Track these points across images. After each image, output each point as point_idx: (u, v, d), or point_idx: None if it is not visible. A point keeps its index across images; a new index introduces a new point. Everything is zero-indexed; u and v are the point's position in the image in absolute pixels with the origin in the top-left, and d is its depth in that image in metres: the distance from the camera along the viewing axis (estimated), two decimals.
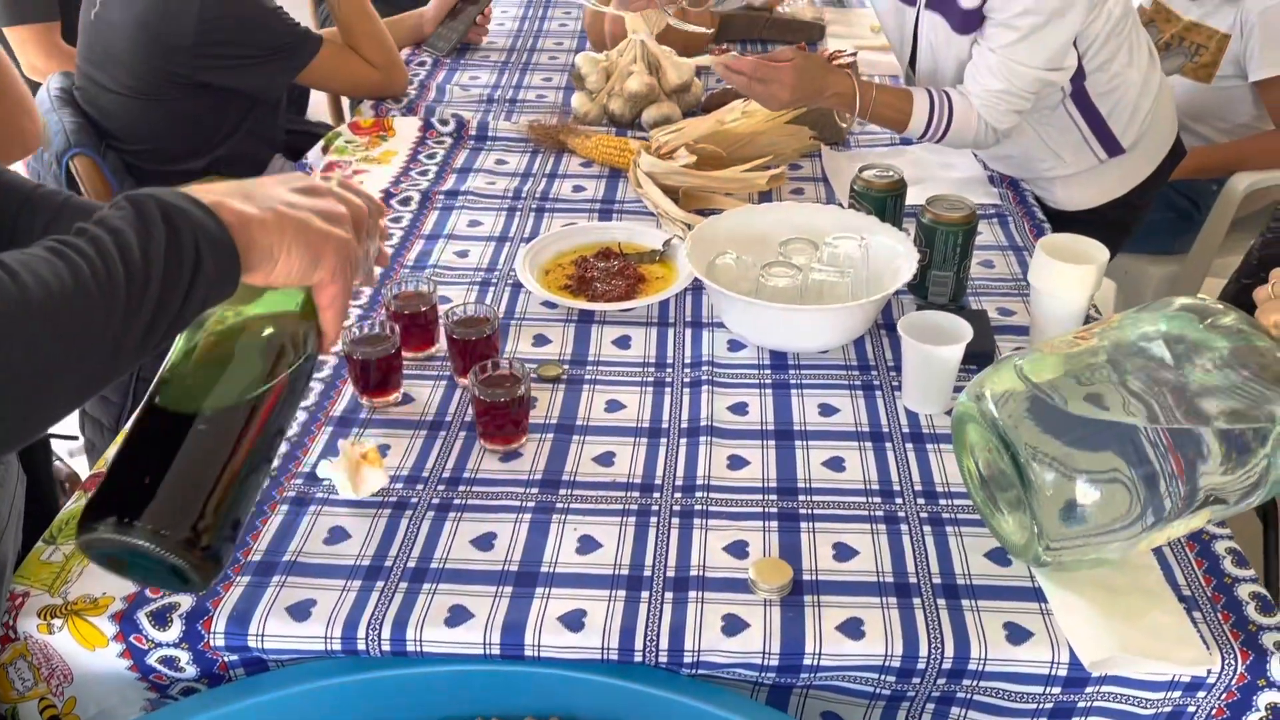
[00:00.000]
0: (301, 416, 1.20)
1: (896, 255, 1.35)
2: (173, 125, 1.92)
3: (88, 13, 1.88)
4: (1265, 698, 0.91)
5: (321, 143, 1.88)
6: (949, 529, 1.05)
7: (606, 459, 1.14)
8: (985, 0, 1.48)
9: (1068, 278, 1.24)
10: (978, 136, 1.56)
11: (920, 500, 1.09)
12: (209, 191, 0.75)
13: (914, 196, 1.57)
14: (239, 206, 0.75)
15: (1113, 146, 1.66)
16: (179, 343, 0.78)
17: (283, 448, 1.15)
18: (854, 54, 2.04)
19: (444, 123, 1.89)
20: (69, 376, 0.66)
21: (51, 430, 0.72)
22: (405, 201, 1.67)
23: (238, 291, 0.75)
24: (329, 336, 0.83)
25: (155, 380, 0.77)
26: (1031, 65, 1.47)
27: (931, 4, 1.56)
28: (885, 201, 1.45)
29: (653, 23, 1.91)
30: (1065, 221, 1.71)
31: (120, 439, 0.74)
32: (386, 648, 0.93)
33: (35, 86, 2.40)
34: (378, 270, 0.95)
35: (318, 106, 3.15)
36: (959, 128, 1.54)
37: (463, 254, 1.54)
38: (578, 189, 1.72)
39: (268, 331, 0.79)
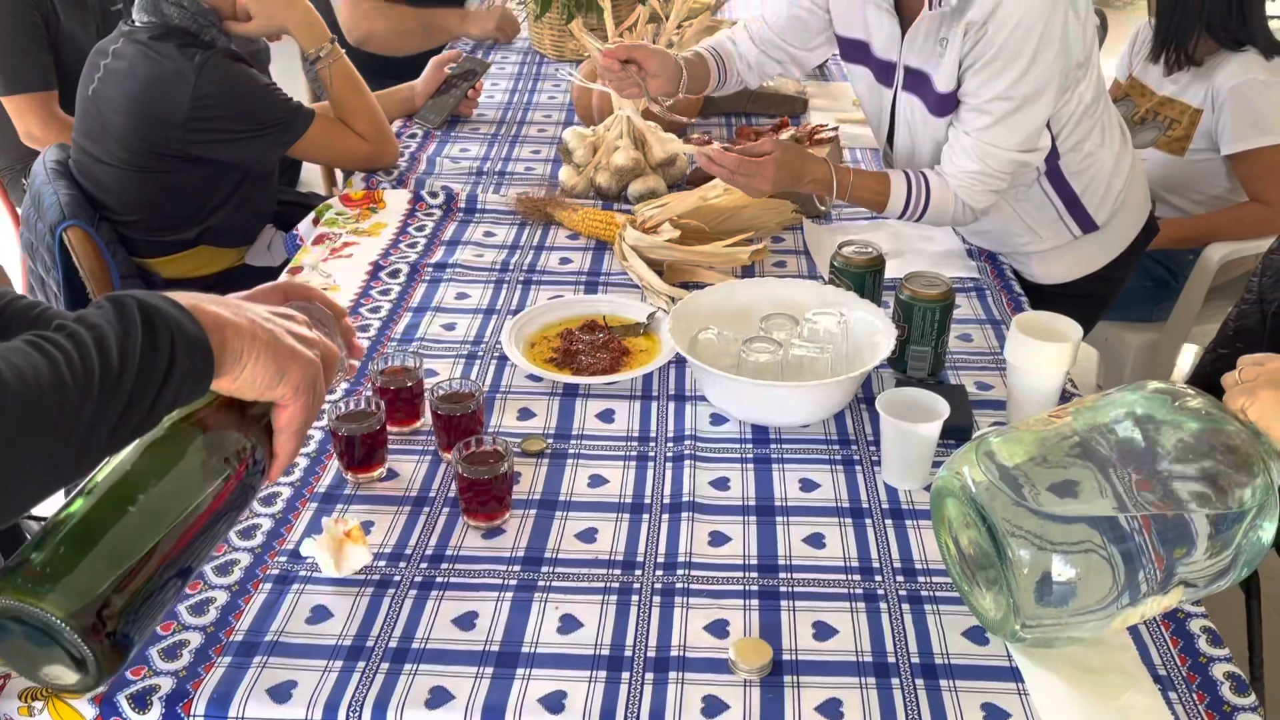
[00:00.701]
0: (286, 493, 1.21)
1: (875, 331, 1.38)
2: (165, 197, 1.95)
3: (85, 88, 1.92)
4: None
5: (312, 214, 1.91)
6: (928, 607, 1.06)
7: (589, 535, 1.15)
8: (960, 85, 1.52)
9: (1043, 355, 1.26)
10: (955, 216, 1.59)
11: (899, 578, 1.10)
12: (190, 296, 0.78)
13: (893, 270, 1.60)
14: (215, 310, 0.77)
15: (1087, 223, 1.70)
16: None
17: (267, 524, 1.16)
18: (835, 128, 2.09)
19: (434, 195, 1.92)
20: (38, 466, 0.67)
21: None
22: (394, 274, 1.69)
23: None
24: (279, 460, 0.83)
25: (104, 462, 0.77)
26: (1006, 148, 1.52)
27: (908, 86, 1.60)
28: (864, 277, 1.48)
29: (638, 99, 1.96)
30: (1043, 295, 1.75)
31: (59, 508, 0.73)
32: None
33: (34, 155, 2.44)
34: (355, 362, 0.96)
35: (311, 175, 3.20)
36: (936, 208, 1.58)
37: (450, 327, 1.56)
38: (564, 261, 1.75)
39: (221, 439, 0.79)
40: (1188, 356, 2.57)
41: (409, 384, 1.31)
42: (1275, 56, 2.22)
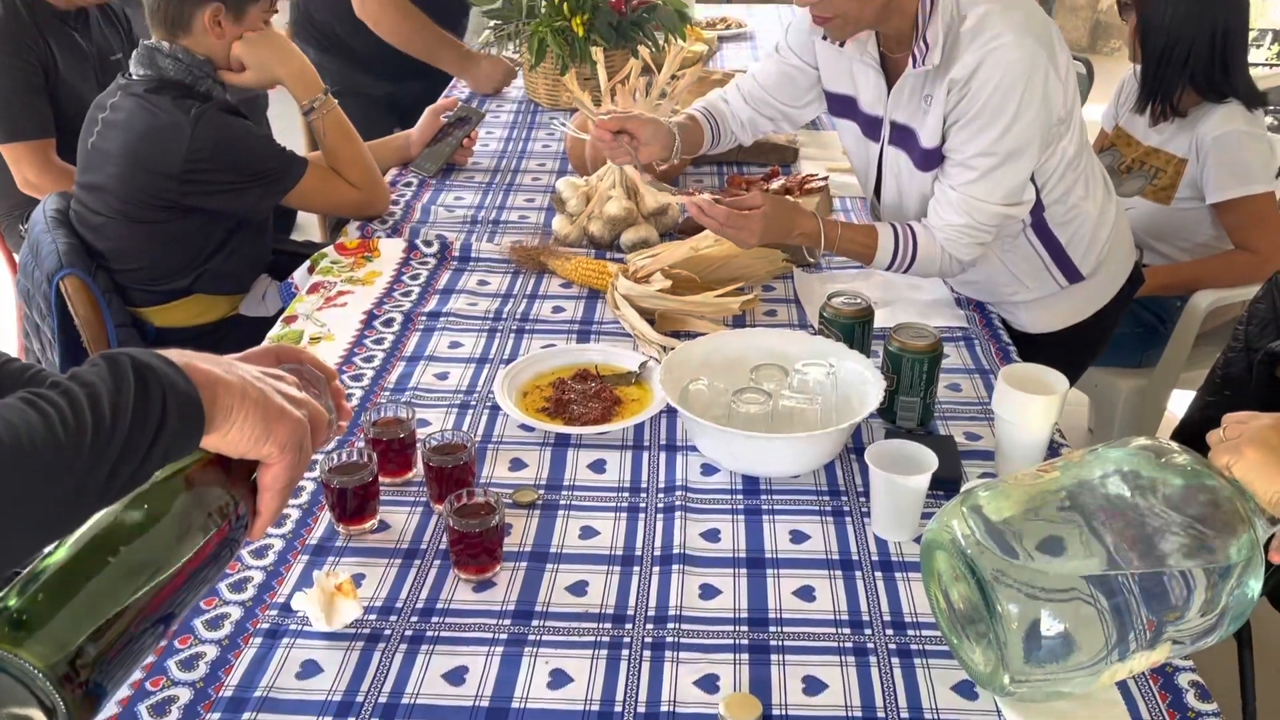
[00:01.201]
0: (278, 545, 1.21)
1: (865, 381, 1.39)
2: (161, 246, 1.97)
3: (85, 141, 1.94)
4: None
5: (308, 263, 1.92)
6: (917, 660, 1.06)
7: (579, 588, 1.15)
8: (945, 141, 1.55)
9: (1030, 408, 1.27)
10: (942, 268, 1.61)
11: (889, 631, 1.10)
12: (183, 355, 0.79)
13: (882, 319, 1.62)
14: (208, 368, 0.78)
15: (1073, 274, 1.72)
16: None
17: (259, 577, 1.16)
18: (825, 178, 2.12)
19: (428, 244, 1.94)
20: (31, 521, 0.68)
21: None
22: (388, 323, 1.70)
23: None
24: (262, 518, 0.83)
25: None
26: (990, 202, 1.54)
27: (894, 141, 1.63)
28: (853, 328, 1.49)
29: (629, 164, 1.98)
30: (1031, 343, 1.76)
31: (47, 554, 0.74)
32: None
33: (34, 202, 2.46)
34: (344, 423, 0.97)
35: (307, 221, 3.22)
36: (923, 260, 1.60)
37: (443, 376, 1.57)
38: (557, 310, 1.77)
39: (206, 495, 0.79)
40: (1177, 401, 2.58)
41: (401, 435, 1.32)
42: (1257, 108, 2.26)
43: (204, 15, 1.88)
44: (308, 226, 3.23)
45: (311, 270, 1.89)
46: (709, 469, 1.36)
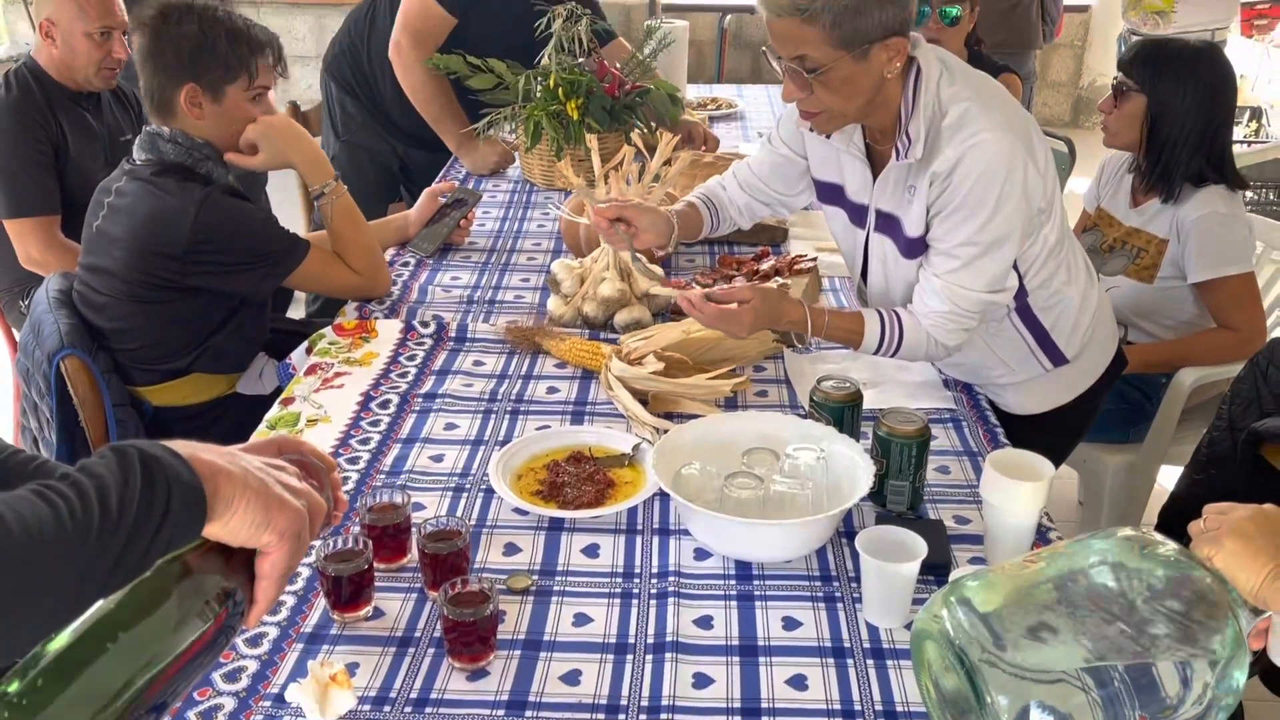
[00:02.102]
0: (272, 633, 1.22)
1: (855, 466, 1.41)
2: (162, 326, 1.99)
3: (90, 225, 1.98)
4: None
5: (306, 343, 1.95)
6: None
7: (573, 677, 1.16)
8: (928, 230, 1.59)
9: (1017, 494, 1.29)
10: (929, 352, 1.65)
11: None
12: (188, 446, 0.82)
13: (871, 401, 1.65)
14: (210, 458, 0.81)
15: (1057, 357, 1.75)
16: None
17: (253, 666, 1.17)
18: (814, 259, 2.16)
19: (425, 324, 1.97)
20: (38, 610, 0.70)
21: None
22: (384, 405, 1.72)
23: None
24: (259, 606, 0.85)
25: None
26: (974, 289, 1.58)
27: (880, 228, 1.68)
28: (843, 411, 1.52)
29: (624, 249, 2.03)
30: (1018, 424, 1.79)
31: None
32: None
33: (35, 279, 2.50)
34: (339, 513, 0.99)
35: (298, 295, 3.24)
36: (910, 345, 1.63)
37: (438, 458, 1.59)
38: (552, 390, 1.79)
39: (204, 584, 0.81)
40: (1165, 476, 2.61)
41: (397, 521, 1.34)
42: (1239, 190, 2.32)
43: (181, 96, 1.91)
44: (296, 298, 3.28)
45: (309, 351, 1.92)
46: (702, 553, 1.37)
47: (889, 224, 1.65)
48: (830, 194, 1.77)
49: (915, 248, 1.62)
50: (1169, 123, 2.26)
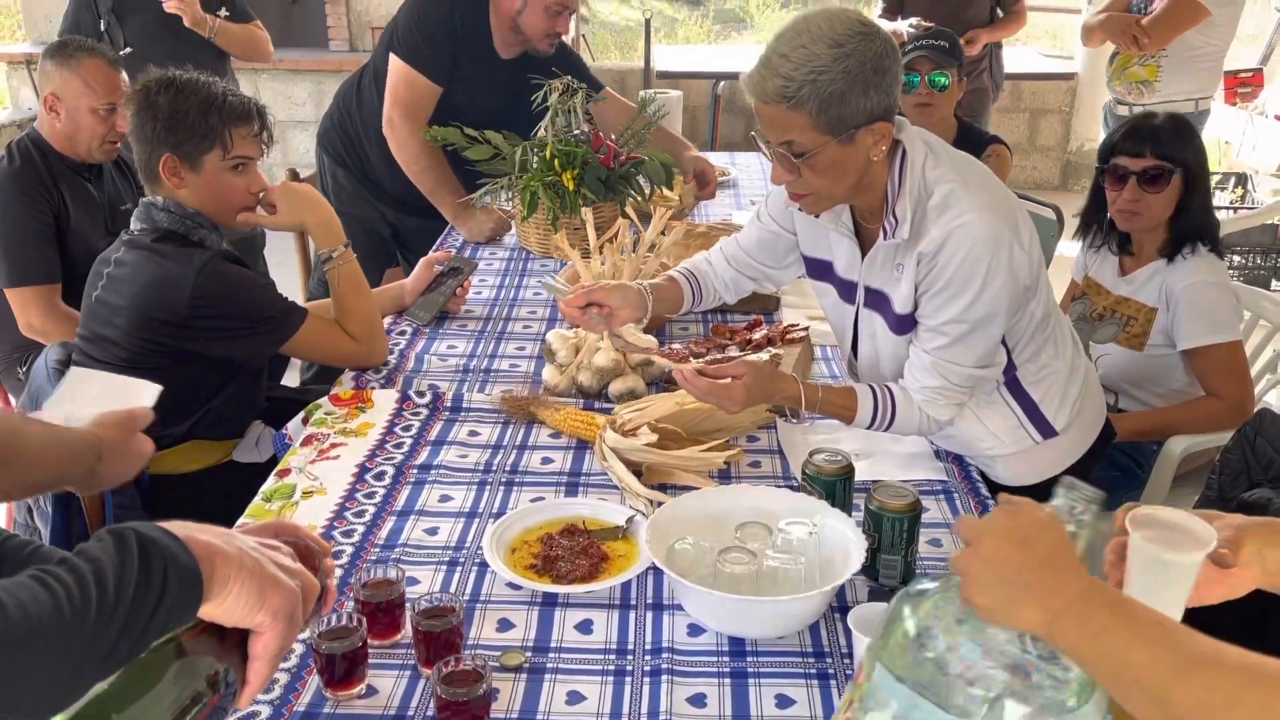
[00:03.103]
0: (265, 712, 1.22)
1: (847, 540, 1.42)
2: (161, 393, 2.00)
3: (89, 295, 2.00)
4: None
5: (302, 413, 1.96)
6: None
7: None
8: (916, 307, 1.62)
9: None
10: (921, 427, 1.67)
11: None
12: (185, 527, 0.83)
13: (863, 472, 1.66)
14: (206, 539, 0.83)
15: (1046, 430, 1.77)
16: None
17: None
18: (806, 328, 2.19)
19: (420, 394, 1.99)
20: (37, 695, 0.71)
21: None
22: (379, 476, 1.73)
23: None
24: (251, 687, 0.86)
25: None
26: (964, 365, 1.60)
27: (869, 304, 1.70)
28: (835, 484, 1.53)
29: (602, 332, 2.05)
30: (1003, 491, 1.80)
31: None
32: None
33: (35, 346, 2.51)
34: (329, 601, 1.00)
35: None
36: (902, 420, 1.66)
37: (432, 531, 1.59)
38: (546, 461, 1.80)
39: (198, 664, 0.82)
40: None
41: (391, 597, 1.34)
42: (1223, 258, 2.37)
43: (161, 166, 1.95)
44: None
45: (306, 421, 1.93)
46: (696, 629, 1.38)
47: (878, 300, 1.68)
48: (819, 270, 1.80)
49: (904, 324, 1.64)
50: (1201, 187, 2.30)
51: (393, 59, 2.84)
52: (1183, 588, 1.04)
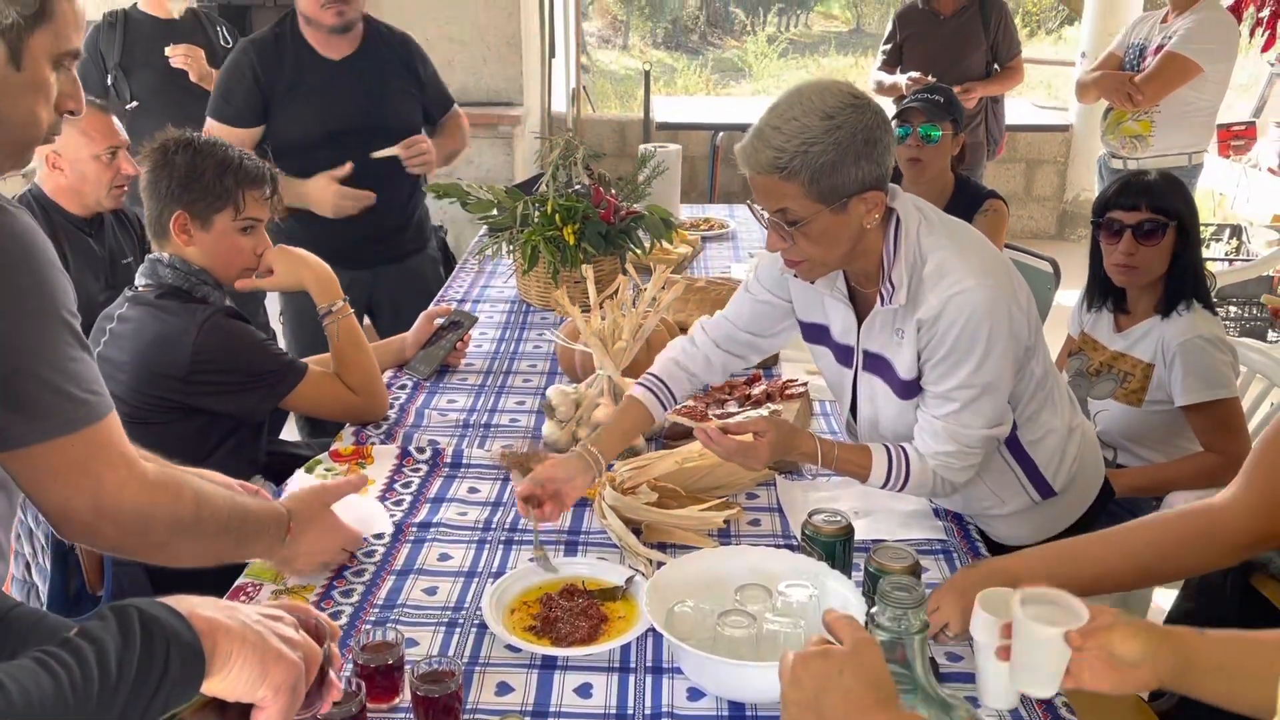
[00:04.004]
0: None
1: (847, 603, 1.42)
2: (160, 448, 2.00)
3: (92, 349, 2.01)
4: None
5: (303, 469, 1.97)
6: None
7: None
8: (921, 373, 1.63)
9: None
10: (935, 490, 1.68)
11: None
12: (188, 602, 0.84)
13: (863, 530, 1.66)
14: (209, 614, 0.83)
15: (1045, 489, 1.78)
16: None
17: None
18: (805, 383, 2.20)
19: (420, 450, 1.99)
20: None
21: None
22: (379, 535, 1.73)
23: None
24: None
25: None
26: (975, 428, 1.62)
27: (868, 368, 1.71)
28: (835, 545, 1.53)
29: (619, 359, 2.07)
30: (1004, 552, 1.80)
31: None
32: None
33: None
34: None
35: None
36: (916, 482, 1.66)
37: (431, 591, 1.59)
38: None
39: None
40: (1160, 598, 2.60)
41: (389, 660, 1.34)
42: (1215, 311, 2.39)
43: (172, 223, 1.99)
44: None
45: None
46: (695, 693, 1.37)
47: (878, 364, 1.69)
48: (815, 334, 1.82)
49: (910, 389, 1.66)
50: (1193, 243, 2.33)
51: (207, 120, 2.88)
52: (1054, 661, 1.13)
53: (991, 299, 1.55)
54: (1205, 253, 4.43)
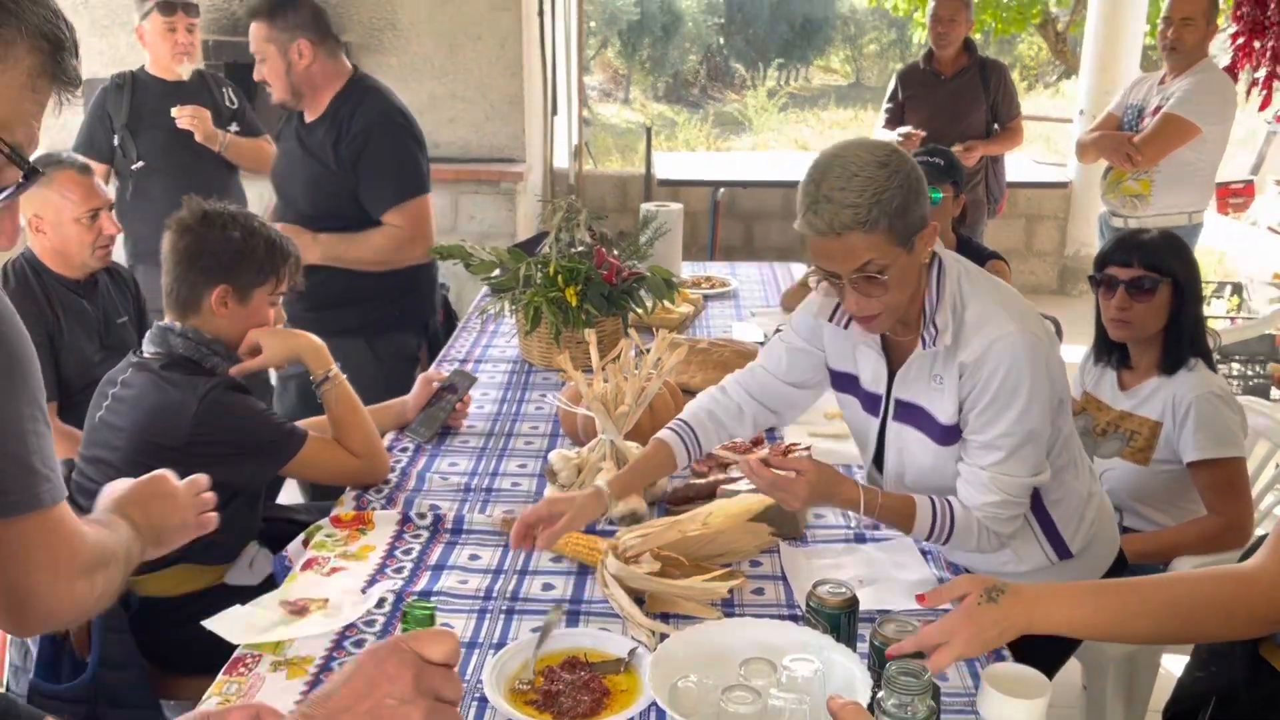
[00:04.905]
0: None
1: (853, 677, 1.40)
2: None
3: (93, 415, 2.01)
4: None
5: (303, 535, 1.95)
6: None
7: None
8: (962, 420, 1.65)
9: (1015, 713, 1.28)
10: (980, 544, 1.69)
11: None
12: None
13: (868, 600, 1.64)
14: None
15: (1062, 549, 1.80)
16: None
17: None
18: (808, 447, 2.19)
19: (421, 515, 1.98)
20: None
21: None
22: (379, 604, 1.72)
23: None
24: None
25: None
26: (1020, 476, 1.64)
27: (899, 417, 1.74)
28: (839, 617, 1.52)
29: (622, 423, 2.06)
30: None
31: None
32: None
33: None
34: None
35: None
36: (960, 534, 1.68)
37: None
38: (547, 587, 1.79)
39: None
40: (1170, 663, 2.57)
41: None
42: (1216, 370, 2.39)
43: (212, 296, 2.02)
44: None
45: (306, 544, 1.92)
46: None
47: (911, 413, 1.72)
48: (844, 383, 1.85)
49: (950, 434, 1.68)
50: (1192, 302, 2.34)
51: None
52: None
53: (1033, 345, 1.59)
54: (1206, 310, 4.44)
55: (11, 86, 0.94)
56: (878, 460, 1.81)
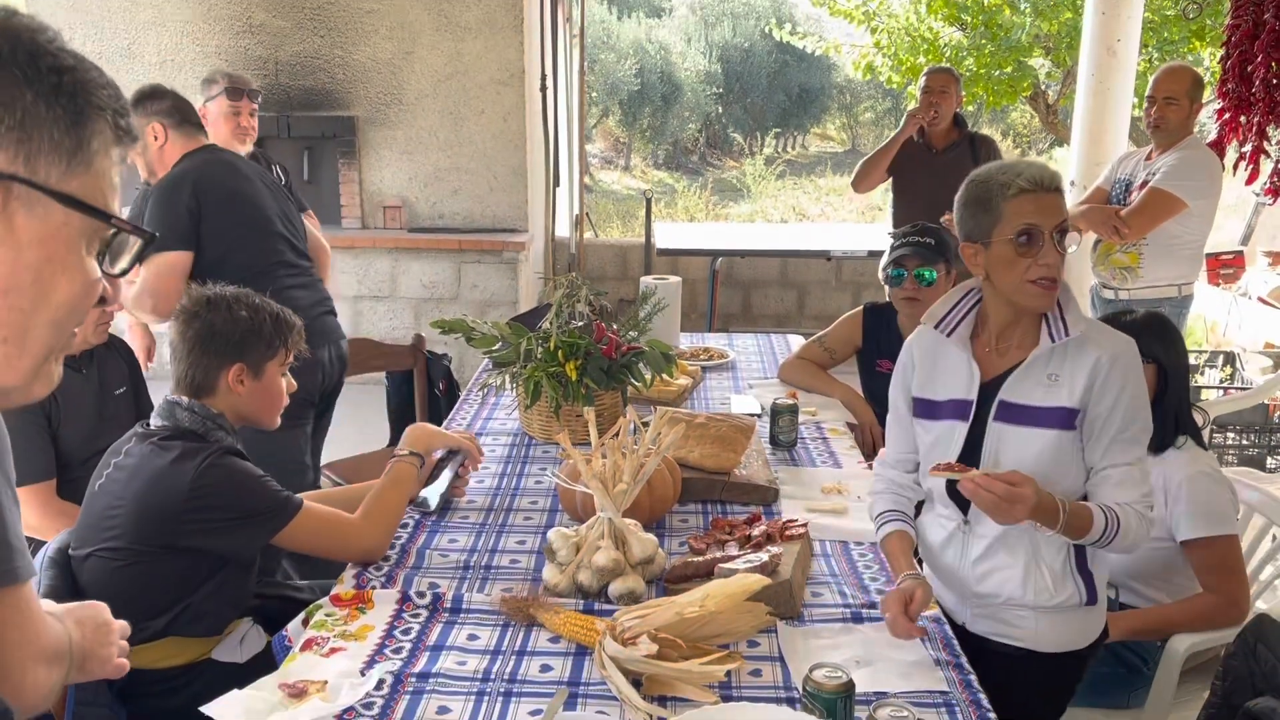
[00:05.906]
0: None
1: None
2: (144, 586, 2.00)
3: (94, 483, 2.04)
4: None
5: (303, 614, 1.96)
6: None
7: None
8: (1092, 417, 1.85)
9: None
10: (1138, 534, 1.83)
11: None
12: None
13: (864, 682, 1.65)
14: None
15: (1091, 594, 1.93)
16: None
17: None
18: (805, 524, 2.21)
19: (420, 595, 1.99)
20: None
21: None
22: (378, 686, 1.72)
23: None
24: None
25: None
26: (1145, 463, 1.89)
27: (1002, 417, 1.89)
28: (836, 703, 1.53)
29: (620, 500, 2.09)
30: (1018, 667, 1.92)
31: None
32: None
33: (34, 541, 2.52)
34: None
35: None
36: (1124, 530, 1.81)
37: None
38: (545, 669, 1.79)
39: None
40: None
41: None
42: (1206, 447, 2.41)
43: (228, 376, 2.07)
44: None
45: (306, 623, 1.93)
46: None
47: (1016, 413, 1.88)
48: (926, 409, 2.01)
49: (1069, 418, 1.86)
50: (1178, 382, 2.38)
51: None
52: None
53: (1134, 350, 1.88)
54: (1199, 380, 4.48)
55: (107, 171, 0.98)
56: (963, 459, 1.94)
